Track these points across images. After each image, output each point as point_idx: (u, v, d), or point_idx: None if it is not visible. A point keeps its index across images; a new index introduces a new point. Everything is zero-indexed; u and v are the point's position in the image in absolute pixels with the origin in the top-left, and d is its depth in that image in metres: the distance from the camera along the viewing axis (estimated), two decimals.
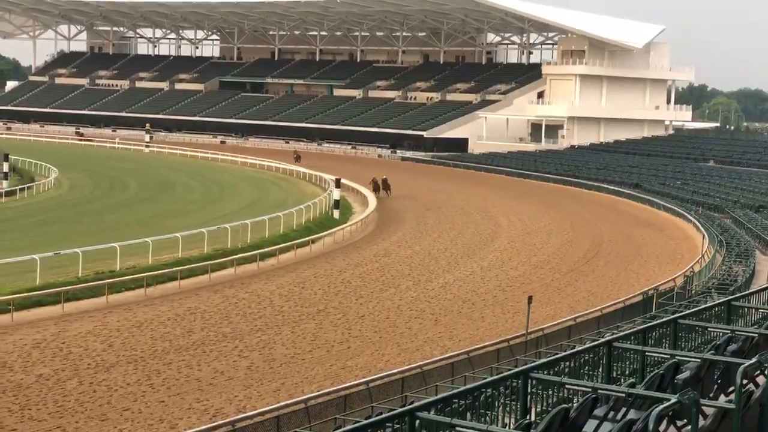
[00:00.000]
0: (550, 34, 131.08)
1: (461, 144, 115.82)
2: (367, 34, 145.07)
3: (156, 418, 22.70)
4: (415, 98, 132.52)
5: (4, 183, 67.49)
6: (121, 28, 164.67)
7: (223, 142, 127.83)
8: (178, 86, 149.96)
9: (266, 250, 45.12)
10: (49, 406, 22.95)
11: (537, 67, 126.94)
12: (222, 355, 28.19)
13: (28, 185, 68.14)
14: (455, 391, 10.28)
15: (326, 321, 33.15)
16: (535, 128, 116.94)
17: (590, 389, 9.55)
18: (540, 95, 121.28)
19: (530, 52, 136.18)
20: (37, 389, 24.14)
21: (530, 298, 30.94)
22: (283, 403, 22.56)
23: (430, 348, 30.03)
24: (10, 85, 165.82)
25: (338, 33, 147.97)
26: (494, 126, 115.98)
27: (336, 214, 58.98)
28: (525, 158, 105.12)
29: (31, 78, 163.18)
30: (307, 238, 49.29)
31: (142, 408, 23.28)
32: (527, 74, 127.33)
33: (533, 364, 10.72)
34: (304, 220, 54.82)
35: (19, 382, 24.69)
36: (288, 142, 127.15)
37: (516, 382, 10.63)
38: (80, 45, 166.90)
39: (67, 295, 33.89)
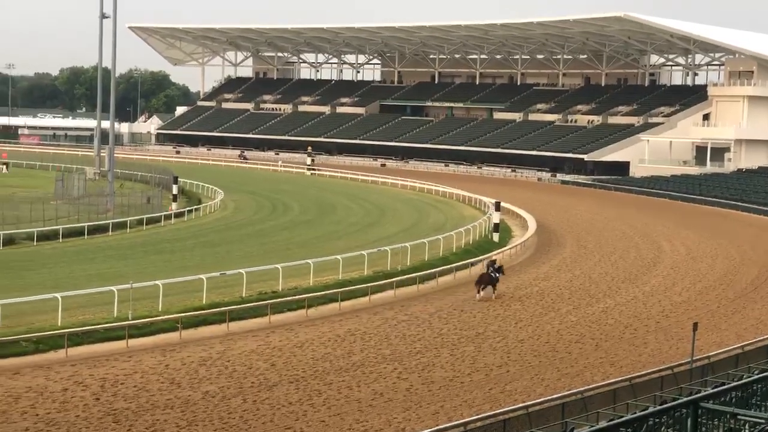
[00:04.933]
0: (717, 55, 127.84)
1: (623, 167, 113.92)
2: (528, 57, 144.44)
3: None
4: (575, 121, 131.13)
5: (173, 205, 69.66)
6: (285, 54, 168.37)
7: (383, 165, 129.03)
8: (340, 110, 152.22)
9: (426, 272, 45.19)
10: (215, 423, 23.49)
11: (702, 88, 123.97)
12: (381, 376, 28.34)
13: (195, 207, 70.15)
14: (620, 420, 10.08)
15: (485, 344, 32.99)
16: (700, 151, 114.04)
17: (764, 420, 9.22)
18: (705, 117, 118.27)
19: (695, 74, 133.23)
20: (203, 405, 24.75)
21: (695, 325, 30.12)
22: (441, 426, 22.50)
23: (591, 373, 29.53)
24: (180, 110, 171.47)
25: (498, 56, 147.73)
26: (657, 149, 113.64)
27: (495, 237, 58.73)
28: (689, 182, 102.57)
29: (200, 103, 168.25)
30: (466, 261, 49.17)
31: (304, 427, 23.59)
32: (692, 96, 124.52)
33: (703, 393, 10.42)
34: (464, 243, 54.75)
35: (186, 398, 25.36)
36: (447, 165, 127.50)
37: (683, 411, 10.34)
38: (246, 71, 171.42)
39: (232, 315, 34.65)
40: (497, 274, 41.79)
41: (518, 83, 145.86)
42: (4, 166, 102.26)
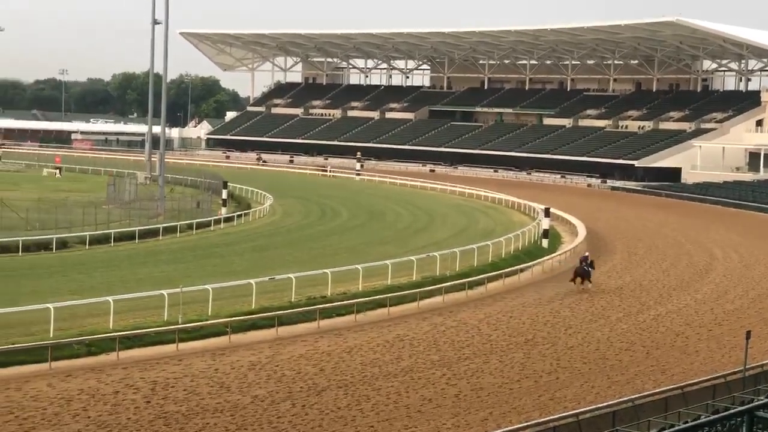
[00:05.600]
0: None
1: (674, 174, 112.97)
2: (578, 62, 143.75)
3: None
4: (626, 127, 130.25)
5: (223, 210, 70.09)
6: (335, 59, 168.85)
7: (432, 171, 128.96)
8: (389, 115, 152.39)
9: (475, 278, 45.07)
10: (264, 427, 23.56)
11: (755, 94, 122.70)
12: (430, 382, 28.28)
13: (244, 212, 70.51)
14: (672, 429, 9.96)
15: (534, 351, 32.82)
16: (753, 157, 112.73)
17: None
18: (759, 123, 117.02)
19: (749, 79, 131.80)
20: (252, 410, 24.84)
21: (749, 333, 29.73)
22: None
23: (642, 381, 29.27)
24: (230, 115, 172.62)
25: (548, 61, 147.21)
26: (709, 155, 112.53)
27: (545, 243, 58.44)
28: (742, 188, 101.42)
29: (249, 108, 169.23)
30: (515, 267, 48.98)
31: None
32: (745, 102, 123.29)
33: (759, 402, 10.27)
34: (513, 249, 54.54)
35: (236, 402, 25.48)
36: (497, 171, 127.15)
37: (737, 420, 10.21)
38: (295, 76, 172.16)
39: (281, 319, 34.75)
40: (589, 268, 45.29)
41: (568, 89, 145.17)
42: (58, 171, 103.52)
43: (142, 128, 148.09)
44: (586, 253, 48.22)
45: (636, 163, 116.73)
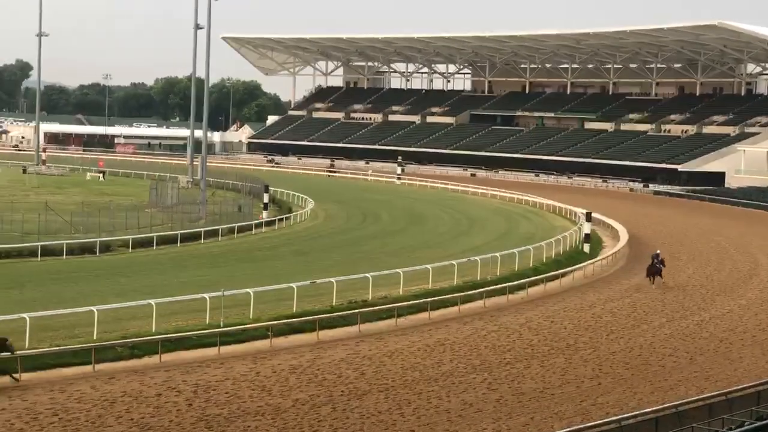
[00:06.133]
0: None
1: (717, 178, 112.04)
2: (620, 66, 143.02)
3: None
4: (669, 131, 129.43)
5: (264, 213, 70.35)
6: (376, 63, 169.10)
7: (473, 175, 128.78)
8: (430, 119, 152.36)
9: (515, 283, 44.90)
10: (305, 431, 23.61)
11: None
12: (471, 387, 28.22)
13: (285, 216, 70.74)
14: None
15: (576, 356, 32.65)
16: None
17: None
18: None
19: None
20: (293, 413, 24.90)
21: None
22: None
23: (685, 387, 29.03)
24: (271, 119, 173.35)
25: (590, 65, 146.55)
26: (754, 159, 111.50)
27: (586, 248, 58.15)
28: None
29: (291, 112, 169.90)
30: (556, 272, 48.78)
31: None
32: None
33: None
34: (554, 254, 54.32)
35: (277, 405, 25.55)
36: (538, 175, 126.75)
37: None
38: (337, 80, 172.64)
39: (322, 323, 34.81)
40: (660, 265, 47.44)
41: (610, 93, 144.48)
42: (101, 175, 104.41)
43: (184, 132, 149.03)
44: (658, 251, 49.68)
45: (679, 167, 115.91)
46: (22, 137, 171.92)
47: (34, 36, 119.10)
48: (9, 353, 26.91)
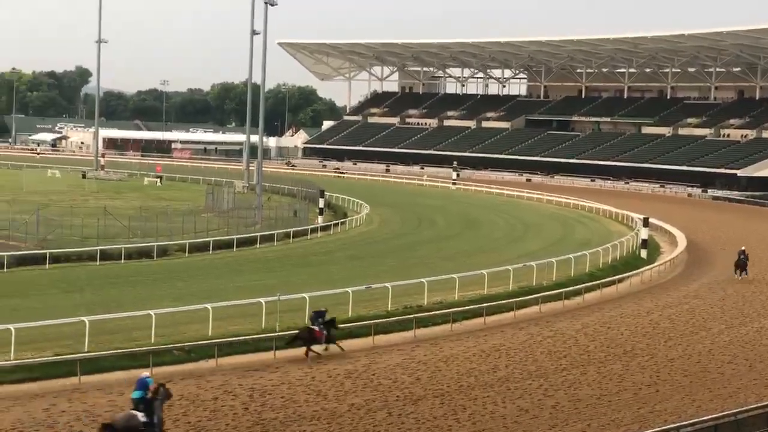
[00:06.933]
0: None
1: None
2: (678, 70, 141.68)
3: None
4: (728, 135, 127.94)
5: (320, 218, 70.57)
6: (431, 69, 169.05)
7: (528, 180, 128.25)
8: (485, 124, 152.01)
9: (571, 288, 44.61)
10: None
11: None
12: (527, 393, 28.05)
13: (341, 221, 70.89)
14: None
15: (633, 362, 32.34)
16: None
17: None
18: None
19: None
20: (349, 418, 24.92)
21: None
22: None
23: (745, 395, 28.63)
24: (326, 124, 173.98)
25: (647, 69, 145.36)
26: None
27: (643, 253, 57.60)
28: None
29: (346, 117, 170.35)
30: (613, 278, 48.38)
31: None
32: None
33: None
34: (611, 259, 53.88)
35: (332, 410, 25.59)
36: (594, 180, 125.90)
37: None
38: (392, 85, 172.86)
39: (377, 328, 34.80)
40: (746, 260, 51.31)
41: (668, 97, 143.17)
42: (158, 179, 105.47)
43: (240, 137, 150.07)
44: (743, 247, 53.07)
45: (738, 172, 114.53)
46: (82, 143, 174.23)
47: (94, 43, 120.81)
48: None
